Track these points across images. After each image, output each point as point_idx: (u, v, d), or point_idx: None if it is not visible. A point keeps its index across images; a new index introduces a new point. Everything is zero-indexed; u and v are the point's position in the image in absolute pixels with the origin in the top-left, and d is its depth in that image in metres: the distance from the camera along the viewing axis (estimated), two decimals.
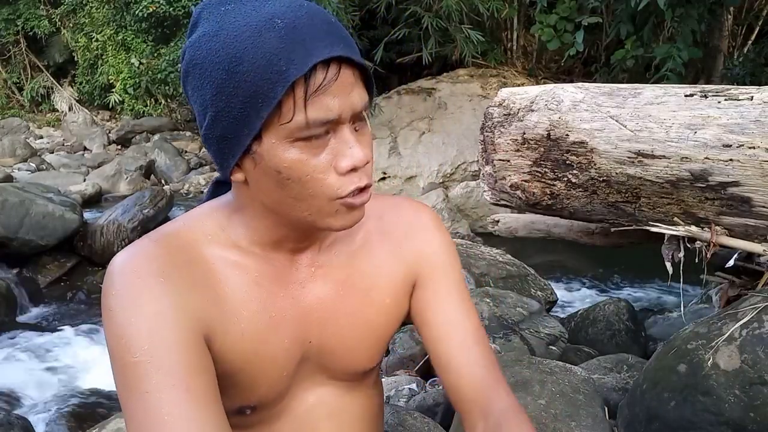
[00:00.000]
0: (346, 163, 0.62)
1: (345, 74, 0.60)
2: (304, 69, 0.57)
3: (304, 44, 0.58)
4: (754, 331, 1.33)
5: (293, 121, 0.59)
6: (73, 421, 2.54)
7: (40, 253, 4.29)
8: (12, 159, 9.29)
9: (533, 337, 2.12)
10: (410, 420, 1.46)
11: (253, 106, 0.59)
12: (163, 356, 0.60)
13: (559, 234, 2.49)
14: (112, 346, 0.62)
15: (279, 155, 0.61)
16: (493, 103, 2.20)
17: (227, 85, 0.59)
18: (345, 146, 0.62)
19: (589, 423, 1.40)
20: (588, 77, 6.51)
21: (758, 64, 5.37)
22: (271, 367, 0.72)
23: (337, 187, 0.63)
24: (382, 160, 6.16)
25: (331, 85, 0.59)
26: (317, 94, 0.58)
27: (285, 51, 0.57)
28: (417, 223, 0.81)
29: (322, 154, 0.62)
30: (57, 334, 3.42)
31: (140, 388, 0.59)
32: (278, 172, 0.62)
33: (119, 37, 11.65)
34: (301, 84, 0.58)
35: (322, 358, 0.77)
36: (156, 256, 0.65)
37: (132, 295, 0.62)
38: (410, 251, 0.80)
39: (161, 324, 0.61)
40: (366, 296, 0.77)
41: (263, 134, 0.60)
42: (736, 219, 1.67)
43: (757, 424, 1.25)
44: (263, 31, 0.58)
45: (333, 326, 0.76)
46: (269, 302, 0.71)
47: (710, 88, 1.71)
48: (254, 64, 0.57)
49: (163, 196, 5.04)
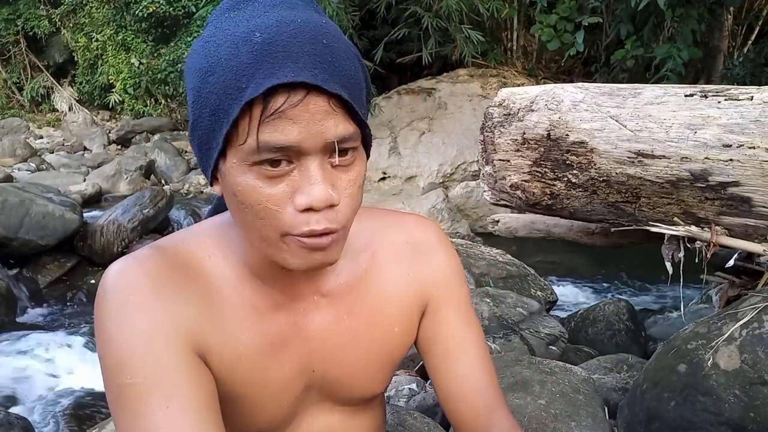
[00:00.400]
0: (301, 200, 0.56)
1: (314, 101, 0.54)
2: (261, 89, 0.52)
3: (273, 62, 0.53)
4: (754, 331, 1.33)
5: (246, 143, 0.55)
6: (73, 421, 2.54)
7: (40, 253, 4.29)
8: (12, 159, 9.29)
9: (533, 337, 2.12)
10: (410, 420, 1.46)
11: (216, 120, 0.56)
12: (158, 377, 0.58)
13: (559, 234, 2.49)
14: (105, 364, 0.60)
15: (235, 177, 0.57)
16: (493, 103, 2.20)
17: (201, 94, 0.57)
18: (306, 181, 0.56)
19: (589, 423, 1.40)
20: (588, 77, 6.51)
21: (758, 64, 5.37)
22: (271, 396, 0.70)
23: (289, 224, 0.57)
24: (382, 160, 6.16)
25: (293, 110, 0.53)
26: (273, 117, 0.53)
27: (251, 67, 0.53)
28: (425, 244, 0.77)
29: (281, 184, 0.57)
30: (57, 334, 3.42)
31: (136, 410, 0.58)
32: (234, 195, 0.58)
33: (119, 37, 11.66)
34: (260, 105, 0.53)
35: (327, 387, 0.75)
36: (151, 270, 0.63)
37: (125, 313, 0.60)
38: (420, 276, 0.76)
39: (155, 343, 0.59)
40: (373, 324, 0.74)
41: (227, 152, 0.57)
42: (736, 219, 1.67)
43: (757, 424, 1.25)
44: (240, 44, 0.54)
45: (338, 355, 0.73)
46: (269, 329, 0.68)
47: (710, 88, 1.71)
48: (222, 76, 0.54)
49: (163, 196, 5.04)
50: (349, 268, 0.73)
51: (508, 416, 0.77)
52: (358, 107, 0.57)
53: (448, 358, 0.77)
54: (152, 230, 4.87)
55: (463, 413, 0.77)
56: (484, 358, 0.78)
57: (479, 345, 0.78)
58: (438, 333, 0.77)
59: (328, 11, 5.17)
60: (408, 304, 0.76)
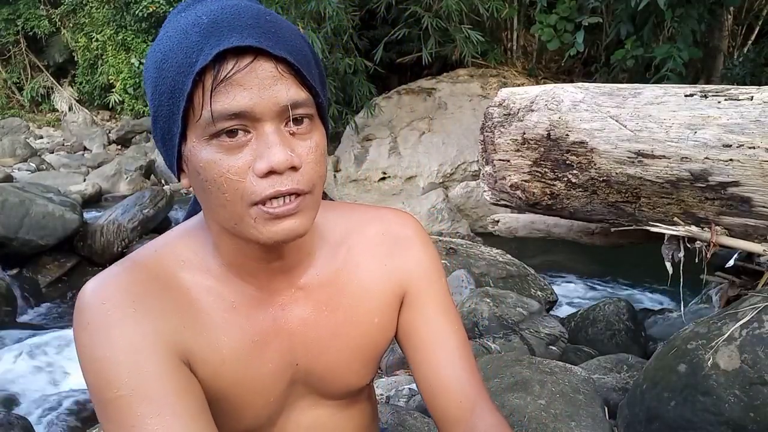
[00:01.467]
0: (260, 165, 0.57)
1: (261, 66, 0.56)
2: (209, 58, 0.54)
3: (220, 36, 0.55)
4: (754, 331, 1.33)
5: (202, 117, 0.56)
6: (73, 421, 2.55)
7: (40, 253, 4.29)
8: (12, 159, 9.30)
9: (533, 337, 2.13)
10: (410, 420, 1.46)
11: (173, 103, 0.57)
12: (145, 386, 0.58)
13: (559, 234, 2.49)
14: (91, 382, 0.60)
15: (196, 155, 0.58)
16: (493, 103, 2.20)
17: (158, 84, 0.59)
18: (264, 146, 0.57)
19: (589, 423, 1.40)
20: (588, 77, 6.51)
21: (758, 64, 5.37)
22: (256, 393, 0.70)
23: (251, 191, 0.58)
24: (382, 160, 6.16)
25: (241, 75, 0.55)
26: (223, 84, 0.55)
27: (200, 44, 0.55)
28: (403, 238, 0.77)
29: (240, 154, 0.57)
30: (57, 334, 3.42)
31: (126, 423, 0.58)
32: (197, 173, 0.59)
33: (119, 37, 11.67)
34: (211, 74, 0.55)
35: (311, 381, 0.75)
36: (126, 285, 0.63)
37: (104, 328, 0.60)
38: (398, 267, 0.76)
39: (138, 354, 0.59)
40: (352, 316, 0.74)
41: (187, 133, 0.59)
42: (736, 219, 1.67)
43: (757, 424, 1.25)
44: (188, 29, 0.57)
45: (318, 348, 0.73)
46: (249, 327, 0.68)
47: (710, 88, 1.71)
48: (174, 59, 0.57)
49: (163, 196, 5.04)
50: (326, 262, 0.73)
51: (492, 410, 0.76)
52: (306, 73, 0.59)
53: (427, 348, 0.77)
54: (152, 230, 4.88)
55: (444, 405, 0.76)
56: (463, 350, 0.78)
57: (459, 337, 0.78)
58: (416, 323, 0.77)
59: (328, 11, 5.17)
60: (386, 296, 0.76)
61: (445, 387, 0.76)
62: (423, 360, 0.77)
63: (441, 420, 0.77)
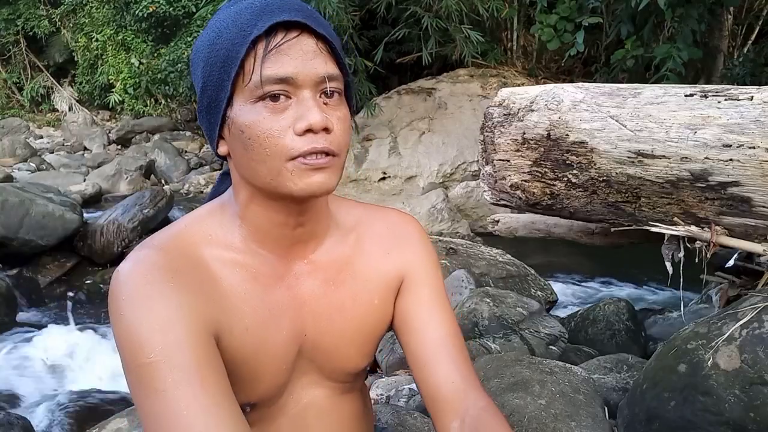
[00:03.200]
0: (301, 124, 0.65)
1: (305, 41, 0.66)
2: (264, 28, 0.64)
3: (272, 13, 0.65)
4: (754, 331, 1.33)
5: (252, 80, 0.65)
6: (73, 421, 2.55)
7: (40, 253, 4.29)
8: (12, 159, 9.29)
9: (533, 337, 2.12)
10: (410, 420, 1.46)
11: (225, 70, 0.66)
12: (177, 354, 0.62)
13: (559, 234, 2.49)
14: (125, 348, 0.63)
15: (243, 116, 0.66)
16: (493, 103, 2.20)
17: (210, 56, 0.67)
18: (304, 109, 0.66)
19: (589, 423, 1.40)
20: (588, 77, 6.51)
21: (758, 64, 5.37)
22: (272, 360, 0.75)
23: (291, 146, 0.66)
24: (383, 160, 6.16)
25: (289, 45, 0.65)
26: (273, 52, 0.64)
27: (253, 20, 0.65)
28: (405, 233, 0.85)
29: (282, 116, 0.66)
30: (57, 334, 3.42)
31: (156, 387, 0.61)
32: (241, 131, 0.66)
33: (119, 37, 11.66)
34: (262, 45, 0.64)
35: (316, 355, 0.80)
36: (161, 263, 0.68)
37: (142, 297, 0.64)
38: (398, 257, 0.83)
39: (173, 324, 0.63)
40: (356, 294, 0.80)
41: (234, 98, 0.67)
42: (736, 219, 1.67)
43: (757, 424, 1.25)
44: (242, 11, 0.66)
45: (325, 321, 0.78)
46: (267, 296, 0.74)
47: (710, 88, 1.71)
48: (229, 34, 0.66)
49: (163, 196, 5.04)
50: (337, 243, 0.80)
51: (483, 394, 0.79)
52: (341, 54, 0.70)
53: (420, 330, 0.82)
54: (152, 230, 4.86)
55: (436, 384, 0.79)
56: (455, 337, 0.82)
57: (451, 324, 0.83)
58: (410, 308, 0.83)
59: (328, 11, 5.16)
60: (386, 280, 0.83)
61: (438, 367, 0.79)
62: (416, 342, 0.81)
63: (433, 400, 0.79)
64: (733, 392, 1.29)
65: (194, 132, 11.16)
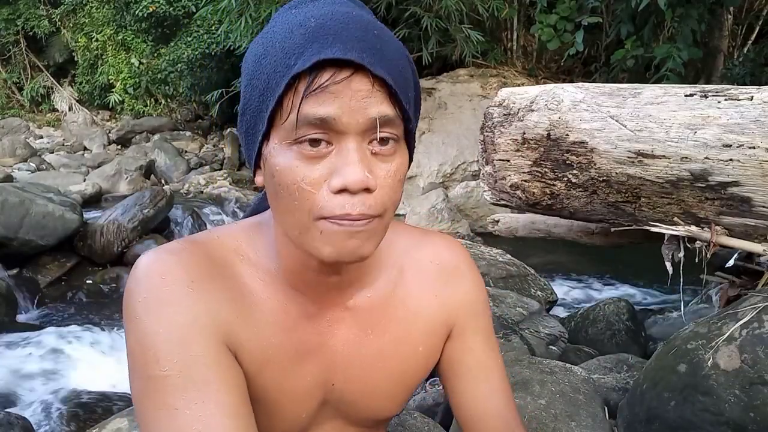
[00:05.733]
0: (336, 181, 0.55)
1: (358, 80, 0.54)
2: (308, 64, 0.53)
3: (323, 43, 0.53)
4: (754, 331, 1.33)
5: (288, 119, 0.55)
6: (73, 421, 2.54)
7: (40, 253, 4.28)
8: (12, 159, 9.29)
9: (533, 337, 2.12)
10: (410, 420, 1.46)
11: (263, 100, 0.57)
12: (193, 370, 0.57)
13: (559, 234, 2.49)
14: (137, 356, 0.58)
15: (275, 157, 0.57)
16: (493, 103, 2.20)
17: (252, 78, 0.58)
18: (343, 162, 0.55)
19: (589, 423, 1.40)
20: (588, 77, 6.51)
21: (758, 64, 5.37)
22: (291, 403, 0.68)
23: (322, 205, 0.56)
24: None
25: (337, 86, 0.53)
26: (317, 91, 0.53)
27: (302, 47, 0.54)
28: (453, 267, 0.76)
29: (318, 165, 0.56)
30: (57, 334, 3.41)
31: (167, 403, 0.56)
32: (272, 175, 0.58)
33: (119, 37, 11.66)
34: (305, 80, 0.54)
35: (343, 404, 0.73)
36: (185, 262, 0.62)
37: (160, 302, 0.59)
38: (448, 299, 0.75)
39: (191, 336, 0.58)
40: (397, 343, 0.73)
41: (271, 133, 0.58)
42: (736, 219, 1.67)
43: (757, 424, 1.25)
44: (294, 28, 0.56)
45: (358, 371, 0.71)
46: (297, 335, 0.67)
47: (710, 88, 1.71)
48: (274, 57, 0.56)
49: (163, 196, 5.03)
50: (377, 284, 0.72)
51: None
52: (401, 95, 0.56)
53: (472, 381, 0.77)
54: (152, 230, 4.87)
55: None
56: (504, 381, 0.79)
57: (500, 368, 0.79)
58: (463, 356, 0.77)
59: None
60: (434, 326, 0.75)
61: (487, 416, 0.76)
62: (466, 390, 0.77)
63: None
64: (733, 392, 1.29)
65: (194, 132, 11.17)
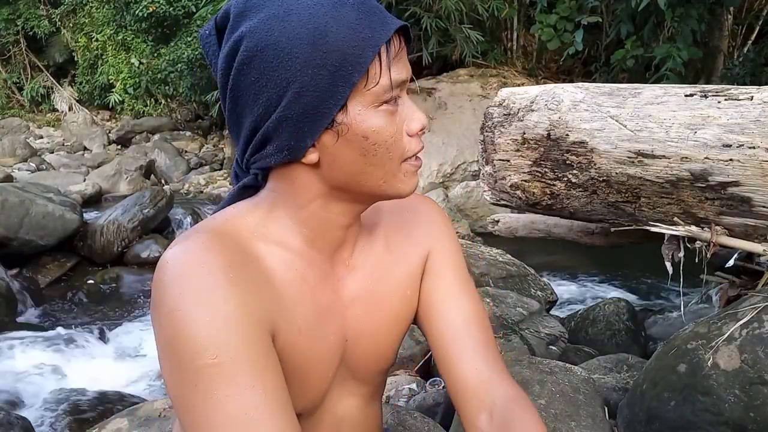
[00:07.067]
0: (415, 125, 0.67)
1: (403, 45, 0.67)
2: (389, 34, 0.62)
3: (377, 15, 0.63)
4: (754, 331, 1.33)
5: (379, 84, 0.63)
6: (73, 421, 2.54)
7: (40, 253, 4.29)
8: (12, 159, 9.30)
9: (533, 337, 2.13)
10: (410, 420, 1.46)
11: (341, 76, 0.61)
12: (242, 356, 0.57)
13: (559, 234, 2.49)
14: (180, 348, 0.57)
15: (366, 121, 0.63)
16: (493, 103, 2.20)
17: (313, 58, 0.60)
18: (411, 110, 0.67)
19: (589, 423, 1.40)
20: (588, 77, 6.51)
21: (758, 64, 5.37)
22: (320, 365, 0.71)
23: (407, 148, 0.67)
24: None
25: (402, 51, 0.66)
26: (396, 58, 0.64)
27: (364, 21, 0.62)
28: (425, 213, 0.84)
29: (396, 118, 0.66)
30: (57, 334, 3.42)
31: (219, 392, 0.56)
32: (365, 137, 0.64)
33: (119, 37, 11.66)
34: (384, 49, 0.63)
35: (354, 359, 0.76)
36: (219, 249, 0.62)
37: (202, 290, 0.58)
38: (421, 237, 0.82)
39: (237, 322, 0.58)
40: (392, 289, 0.78)
41: (349, 103, 0.63)
42: (736, 219, 1.67)
43: (757, 424, 1.25)
44: (338, 6, 0.61)
45: (364, 322, 0.76)
46: (315, 298, 0.70)
47: (710, 88, 1.71)
48: (339, 35, 0.61)
49: (163, 196, 5.04)
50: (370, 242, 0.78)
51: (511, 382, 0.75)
52: None
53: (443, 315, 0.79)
54: (152, 230, 4.88)
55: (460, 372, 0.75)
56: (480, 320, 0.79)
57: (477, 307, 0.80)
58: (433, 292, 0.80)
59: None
60: (414, 266, 0.81)
61: (461, 354, 0.76)
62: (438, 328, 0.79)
63: (457, 390, 0.76)
64: (733, 392, 1.29)
65: (194, 132, 11.17)
